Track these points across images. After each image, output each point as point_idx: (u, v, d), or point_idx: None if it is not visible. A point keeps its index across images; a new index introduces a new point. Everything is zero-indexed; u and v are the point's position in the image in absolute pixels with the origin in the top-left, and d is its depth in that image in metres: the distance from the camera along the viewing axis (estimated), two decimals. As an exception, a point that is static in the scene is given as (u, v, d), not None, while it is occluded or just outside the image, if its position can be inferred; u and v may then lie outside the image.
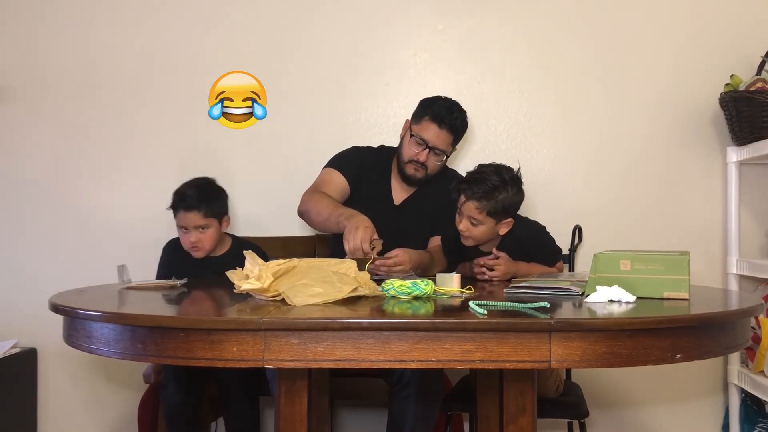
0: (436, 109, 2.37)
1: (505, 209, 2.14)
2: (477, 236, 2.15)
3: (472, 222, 2.13)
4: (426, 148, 2.36)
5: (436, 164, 2.41)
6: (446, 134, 2.36)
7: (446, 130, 2.36)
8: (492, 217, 2.12)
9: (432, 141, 2.35)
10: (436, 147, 2.36)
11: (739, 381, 2.61)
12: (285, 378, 1.66)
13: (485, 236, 2.16)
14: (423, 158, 2.37)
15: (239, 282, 1.67)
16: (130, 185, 2.88)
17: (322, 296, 1.56)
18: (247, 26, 2.86)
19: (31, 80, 2.90)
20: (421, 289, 1.65)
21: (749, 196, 2.72)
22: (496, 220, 2.14)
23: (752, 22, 2.72)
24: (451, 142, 2.40)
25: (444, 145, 2.37)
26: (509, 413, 1.63)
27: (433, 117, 2.35)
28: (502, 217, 2.14)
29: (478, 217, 2.11)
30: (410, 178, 2.42)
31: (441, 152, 2.38)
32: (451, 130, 2.37)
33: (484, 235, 2.15)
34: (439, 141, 2.36)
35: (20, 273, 2.89)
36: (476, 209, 2.11)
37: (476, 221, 2.12)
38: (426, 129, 2.36)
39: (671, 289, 1.63)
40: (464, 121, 2.42)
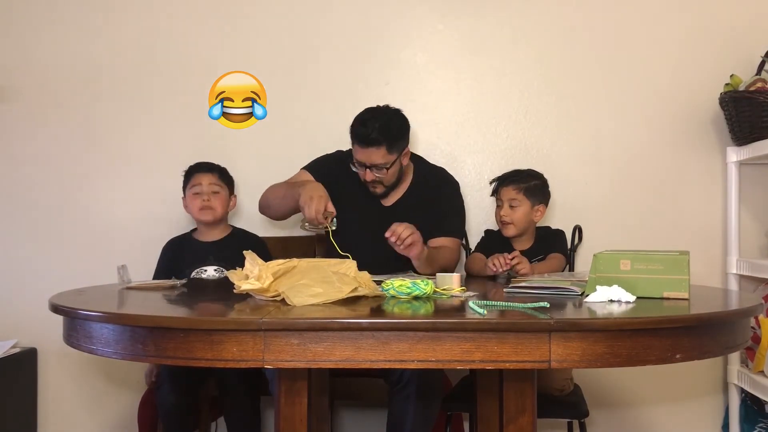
0: (355, 131, 2.32)
1: (538, 193, 2.42)
2: (517, 220, 2.38)
3: (511, 205, 2.38)
4: (366, 168, 2.33)
5: (387, 176, 2.35)
6: (373, 150, 2.28)
7: (371, 147, 2.28)
8: (528, 199, 2.39)
9: (365, 161, 2.31)
10: (373, 164, 2.31)
11: (739, 381, 2.61)
12: (285, 378, 1.66)
13: (524, 220, 2.38)
14: (369, 177, 2.34)
15: (239, 282, 1.67)
16: (130, 185, 2.88)
17: (322, 296, 1.57)
18: (247, 26, 2.86)
19: (32, 80, 2.90)
20: (421, 289, 1.65)
21: (749, 196, 2.72)
22: (532, 203, 2.40)
23: (752, 22, 2.72)
24: (385, 153, 2.29)
25: (379, 158, 2.29)
26: (509, 413, 1.63)
27: (355, 140, 2.32)
28: (536, 201, 2.40)
29: (517, 197, 2.38)
30: (376, 195, 2.42)
31: (381, 166, 2.31)
32: (375, 144, 2.27)
33: (523, 219, 2.38)
34: (372, 158, 2.30)
35: (20, 273, 2.89)
36: (514, 190, 2.39)
37: (516, 202, 2.38)
38: (356, 152, 2.34)
39: (671, 288, 1.63)
40: (387, 128, 2.29)
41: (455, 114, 2.83)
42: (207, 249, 2.53)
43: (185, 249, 2.56)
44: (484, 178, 2.79)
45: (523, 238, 2.43)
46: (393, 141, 2.31)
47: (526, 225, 2.40)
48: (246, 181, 2.81)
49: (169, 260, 2.56)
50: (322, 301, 1.56)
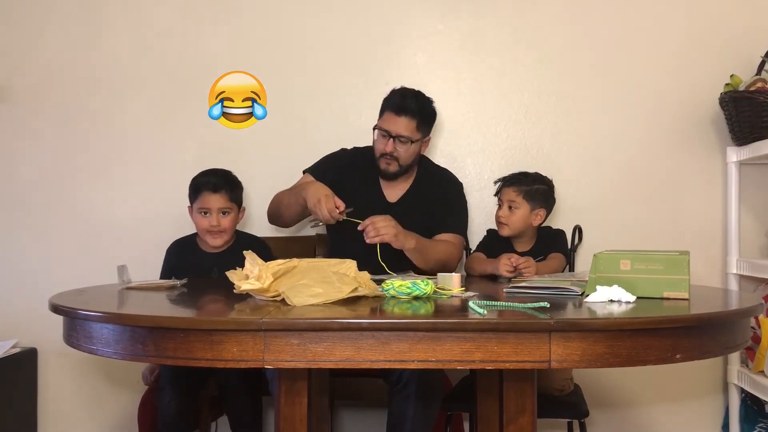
0: (391, 100, 2.40)
1: (539, 198, 2.38)
2: (513, 222, 2.36)
3: (510, 206, 2.36)
4: (389, 138, 2.36)
5: (407, 153, 2.39)
6: (405, 120, 2.35)
7: (404, 116, 2.35)
8: (528, 202, 2.36)
9: (393, 129, 2.35)
10: (399, 135, 2.35)
11: (739, 381, 2.61)
12: (285, 378, 1.66)
13: (521, 223, 2.35)
14: (389, 148, 2.36)
15: (239, 282, 1.67)
16: (130, 185, 2.88)
17: (322, 296, 1.57)
18: (247, 26, 2.85)
19: (31, 80, 2.90)
20: (421, 289, 1.65)
21: (749, 196, 2.72)
22: (531, 207, 2.36)
23: (752, 22, 2.72)
24: (415, 128, 2.37)
25: (406, 131, 2.35)
26: (509, 413, 1.63)
27: (389, 107, 2.38)
28: (536, 205, 2.37)
29: (516, 200, 2.35)
30: (384, 172, 2.42)
31: (406, 138, 2.36)
32: (409, 114, 2.35)
33: (520, 222, 2.35)
34: (400, 128, 2.35)
35: (20, 273, 2.89)
36: (514, 192, 2.36)
37: (515, 204, 2.35)
38: (385, 120, 2.38)
39: (671, 288, 1.63)
40: (424, 105, 2.40)
41: (455, 114, 2.82)
42: (211, 260, 2.47)
43: (189, 256, 2.50)
44: (484, 178, 2.80)
45: (524, 239, 2.42)
46: (424, 119, 2.40)
47: (522, 228, 2.38)
48: (246, 181, 2.80)
49: (173, 264, 2.52)
50: (322, 301, 1.56)
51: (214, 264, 2.45)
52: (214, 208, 2.42)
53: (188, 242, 2.56)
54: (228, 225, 2.45)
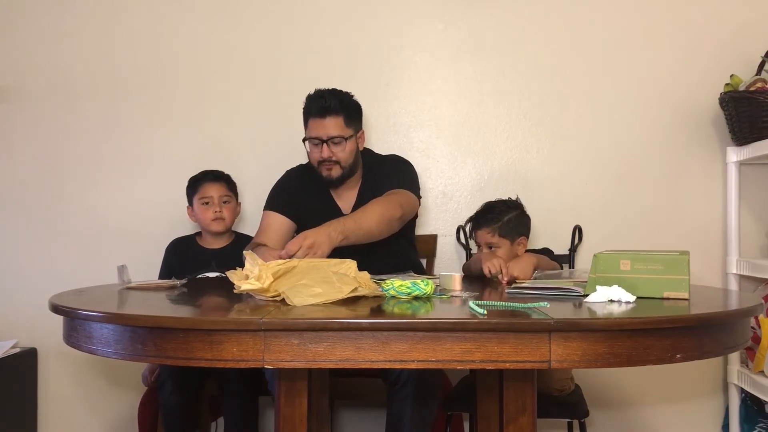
0: (309, 105, 2.30)
1: (515, 229, 2.29)
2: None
3: (490, 247, 2.27)
4: (322, 143, 2.26)
5: (344, 153, 2.28)
6: (332, 119, 2.25)
7: (329, 116, 2.24)
8: (506, 238, 2.27)
9: (322, 134, 2.25)
10: (330, 137, 2.25)
11: (739, 381, 2.61)
12: (285, 378, 1.66)
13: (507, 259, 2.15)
14: (326, 154, 2.26)
15: (239, 282, 1.67)
16: (130, 185, 2.88)
17: (321, 296, 1.56)
18: (247, 26, 2.86)
19: (31, 80, 2.90)
20: (421, 289, 1.65)
21: (749, 196, 2.72)
22: (511, 241, 2.28)
23: (752, 22, 2.72)
24: (343, 125, 2.26)
25: (336, 130, 2.25)
26: (509, 413, 1.63)
27: (311, 113, 2.28)
28: (515, 237, 2.29)
29: (493, 241, 2.27)
30: (329, 180, 2.32)
31: (339, 138, 2.26)
32: (334, 113, 2.25)
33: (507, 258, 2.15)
34: (330, 129, 2.25)
35: (20, 273, 2.89)
36: (488, 234, 2.28)
37: (493, 245, 2.27)
38: (311, 128, 2.28)
39: (671, 289, 1.63)
40: (344, 99, 2.30)
41: (455, 114, 2.82)
42: (210, 255, 2.53)
43: (188, 254, 2.56)
44: (484, 178, 2.80)
45: None
46: (350, 113, 2.29)
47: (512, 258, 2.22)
48: (247, 181, 2.81)
49: (172, 262, 2.57)
50: (322, 301, 1.56)
51: (213, 259, 2.50)
52: (215, 196, 2.54)
53: (187, 240, 2.62)
54: (228, 213, 2.55)
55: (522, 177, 2.78)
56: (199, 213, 2.55)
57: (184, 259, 2.55)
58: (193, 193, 2.56)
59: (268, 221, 2.38)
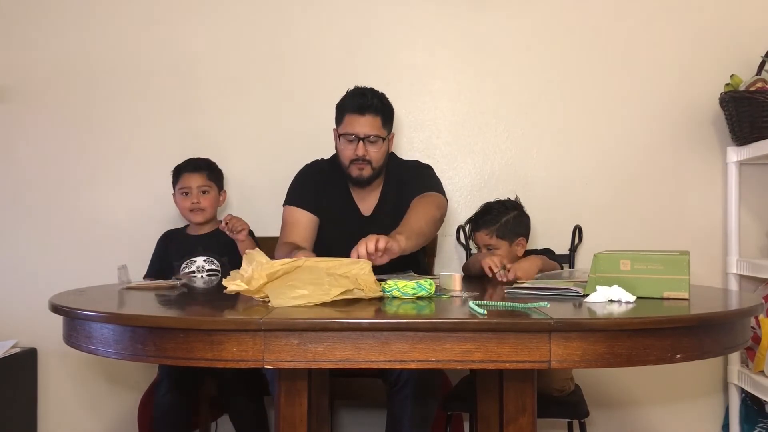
0: (348, 101, 2.27)
1: (513, 230, 2.29)
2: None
3: (489, 249, 2.28)
4: (358, 141, 2.23)
5: (378, 153, 2.27)
6: (370, 118, 2.23)
7: (369, 114, 2.23)
8: (504, 239, 2.27)
9: (360, 131, 2.23)
10: (367, 135, 2.23)
11: (739, 381, 2.61)
12: (285, 378, 1.66)
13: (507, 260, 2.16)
14: (361, 152, 2.23)
15: (226, 282, 1.67)
16: (130, 185, 2.88)
17: (305, 298, 1.54)
18: (247, 26, 2.86)
19: (31, 80, 2.90)
20: (426, 290, 1.65)
21: (749, 196, 2.72)
22: (509, 242, 2.28)
23: (752, 22, 2.72)
24: (380, 125, 2.25)
25: (374, 130, 2.24)
26: (509, 413, 1.63)
27: (350, 109, 2.25)
28: (513, 238, 2.29)
29: (491, 242, 2.27)
30: (358, 179, 2.29)
31: (376, 138, 2.24)
32: (372, 111, 2.23)
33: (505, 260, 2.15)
34: (368, 128, 2.23)
35: (20, 273, 2.89)
36: (486, 235, 2.28)
37: (492, 246, 2.27)
38: (348, 123, 2.25)
39: (671, 289, 1.63)
40: (383, 100, 2.29)
41: (455, 114, 2.83)
42: (196, 241, 2.57)
43: (176, 242, 2.60)
44: (484, 178, 2.80)
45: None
46: (387, 114, 2.29)
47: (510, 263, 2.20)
48: (247, 181, 2.81)
49: (161, 252, 2.60)
50: (305, 303, 1.53)
51: (199, 244, 2.54)
52: (193, 187, 2.53)
53: (177, 232, 2.66)
54: (207, 204, 2.54)
55: (522, 177, 2.78)
56: (179, 202, 2.57)
57: (173, 247, 2.58)
58: (175, 181, 2.59)
59: (296, 218, 2.33)
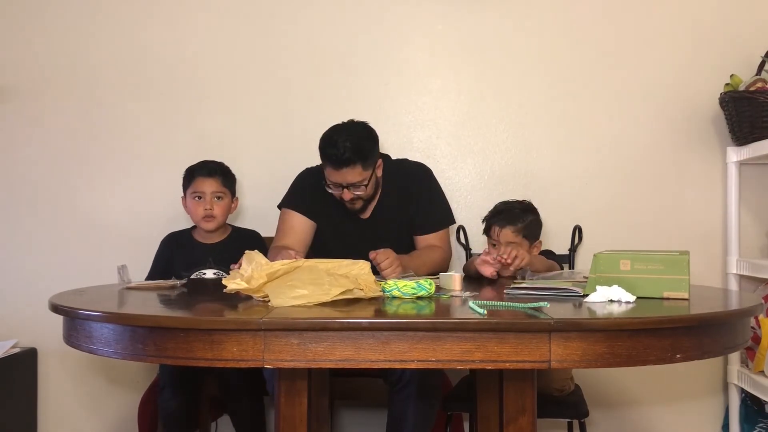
0: (324, 153, 2.24)
1: (535, 230, 2.30)
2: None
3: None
4: (342, 189, 2.25)
5: (367, 191, 2.29)
6: (348, 169, 2.20)
7: (346, 167, 2.20)
8: (527, 239, 2.27)
9: (342, 181, 2.23)
10: (350, 184, 2.23)
11: (739, 381, 2.61)
12: (285, 378, 1.66)
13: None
14: (348, 197, 2.26)
15: (226, 281, 1.67)
16: (130, 185, 2.88)
17: (305, 298, 1.54)
18: (247, 26, 2.85)
19: (31, 80, 2.90)
20: (426, 289, 1.65)
21: (749, 196, 2.72)
22: (531, 242, 2.28)
23: (752, 22, 2.72)
24: (360, 170, 2.22)
25: (356, 177, 2.22)
26: (509, 413, 1.63)
27: (327, 162, 2.23)
28: (533, 239, 2.29)
29: (516, 240, 2.24)
30: (355, 211, 2.34)
31: (358, 183, 2.24)
32: (348, 164, 2.19)
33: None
34: (348, 177, 2.22)
35: (20, 273, 2.89)
36: (512, 233, 2.26)
37: (515, 245, 2.20)
38: (330, 174, 2.25)
39: (671, 289, 1.63)
40: (356, 146, 2.20)
41: (455, 114, 2.82)
42: (206, 251, 2.50)
43: (184, 249, 2.52)
44: (484, 178, 2.80)
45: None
46: (366, 157, 2.23)
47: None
48: (246, 178, 2.81)
49: (167, 257, 2.53)
50: (305, 302, 1.53)
51: (209, 255, 2.48)
52: (207, 192, 2.45)
53: (183, 235, 2.58)
54: (220, 211, 2.47)
55: (522, 177, 2.78)
56: (191, 207, 2.48)
57: (180, 254, 2.51)
58: (188, 185, 2.50)
59: (292, 223, 2.37)
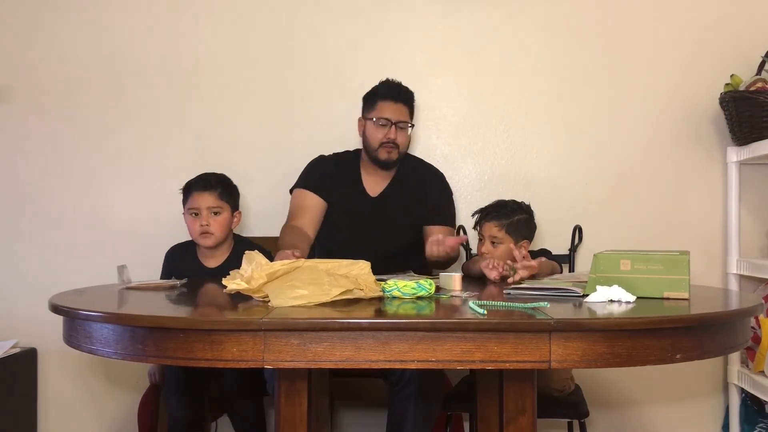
0: (383, 90, 2.46)
1: (521, 230, 2.29)
2: (498, 257, 2.19)
3: (493, 241, 2.28)
4: (391, 125, 2.41)
5: (405, 139, 2.46)
6: (402, 106, 2.44)
7: (401, 103, 2.44)
8: (510, 236, 2.27)
9: (394, 116, 2.42)
10: (399, 121, 2.42)
11: (739, 381, 2.61)
12: (285, 378, 1.66)
13: (505, 257, 2.17)
14: (393, 135, 2.41)
15: (225, 281, 1.67)
16: (130, 185, 2.88)
17: (305, 298, 1.54)
18: (247, 26, 2.85)
19: (31, 80, 2.90)
20: (426, 290, 1.65)
21: (749, 196, 2.72)
22: (515, 240, 2.27)
23: (752, 22, 2.72)
24: (409, 114, 2.48)
25: (405, 117, 2.45)
26: (509, 413, 1.63)
27: (385, 97, 2.44)
28: (519, 238, 2.28)
29: (498, 235, 2.27)
30: (387, 161, 2.44)
31: (404, 124, 2.44)
32: (405, 101, 2.46)
33: (504, 257, 2.18)
34: (400, 114, 2.43)
35: (20, 273, 2.89)
36: (495, 227, 2.28)
37: (496, 240, 2.27)
38: (383, 109, 2.43)
39: (671, 288, 1.63)
40: (411, 93, 2.50)
41: (455, 114, 2.83)
42: (210, 276, 2.33)
43: (188, 270, 2.37)
44: (484, 179, 2.80)
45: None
46: (412, 106, 2.50)
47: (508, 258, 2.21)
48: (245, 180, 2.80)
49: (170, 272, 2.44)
50: (305, 302, 1.53)
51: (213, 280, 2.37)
52: (203, 207, 2.34)
53: (187, 251, 2.48)
54: (218, 226, 2.35)
55: (522, 177, 2.78)
56: (188, 224, 2.38)
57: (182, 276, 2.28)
58: (185, 200, 2.40)
59: (304, 202, 2.46)
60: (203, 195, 2.36)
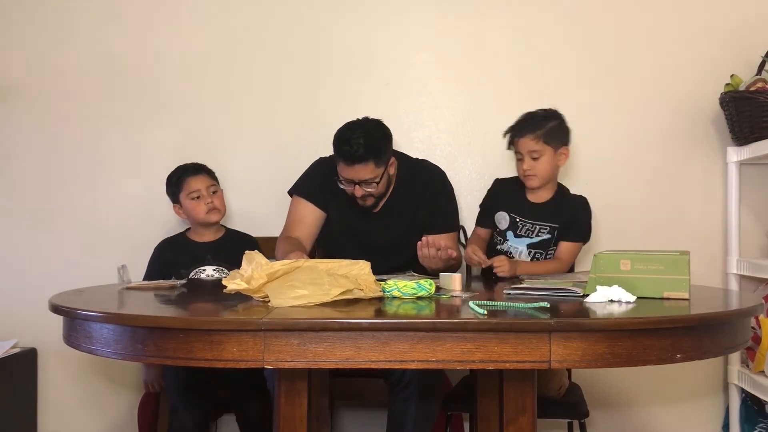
0: (337, 149, 2.22)
1: (558, 135, 2.23)
2: (542, 171, 2.21)
3: (533, 156, 2.20)
4: (355, 185, 2.24)
5: (378, 188, 2.27)
6: (360, 166, 2.18)
7: (358, 164, 2.18)
8: (549, 145, 2.20)
9: (354, 177, 2.22)
10: (361, 180, 2.22)
11: (739, 381, 2.61)
12: (285, 378, 1.66)
13: (549, 169, 2.17)
14: (359, 193, 2.25)
15: (225, 281, 1.67)
16: (129, 185, 2.88)
17: (305, 298, 1.54)
18: (246, 25, 2.85)
19: (31, 80, 2.90)
20: (426, 290, 1.65)
21: (749, 196, 2.72)
22: (554, 148, 2.21)
23: (752, 22, 2.72)
24: (373, 168, 2.20)
25: (368, 174, 2.20)
26: (509, 413, 1.63)
27: (340, 158, 2.21)
28: (558, 144, 2.22)
29: (537, 148, 2.20)
30: (366, 209, 2.34)
31: (370, 180, 2.22)
32: (361, 160, 2.17)
33: (548, 169, 2.18)
34: (360, 174, 2.20)
35: (20, 273, 2.89)
36: (532, 140, 2.20)
37: (537, 153, 2.20)
38: (342, 170, 2.23)
39: (671, 289, 1.63)
40: (369, 143, 2.18)
41: (455, 114, 2.82)
42: (204, 249, 2.51)
43: (181, 250, 2.53)
44: (484, 179, 2.79)
45: (541, 190, 2.28)
46: (379, 155, 2.21)
47: (552, 173, 2.25)
48: (244, 180, 2.81)
49: (164, 261, 2.52)
50: (305, 302, 1.54)
51: (208, 253, 2.49)
52: (203, 188, 2.48)
53: (178, 239, 2.59)
54: (220, 202, 2.52)
55: (522, 177, 2.78)
56: (191, 208, 2.48)
57: (177, 255, 2.51)
58: (178, 190, 2.50)
59: (302, 213, 2.37)
60: (198, 177, 2.50)
